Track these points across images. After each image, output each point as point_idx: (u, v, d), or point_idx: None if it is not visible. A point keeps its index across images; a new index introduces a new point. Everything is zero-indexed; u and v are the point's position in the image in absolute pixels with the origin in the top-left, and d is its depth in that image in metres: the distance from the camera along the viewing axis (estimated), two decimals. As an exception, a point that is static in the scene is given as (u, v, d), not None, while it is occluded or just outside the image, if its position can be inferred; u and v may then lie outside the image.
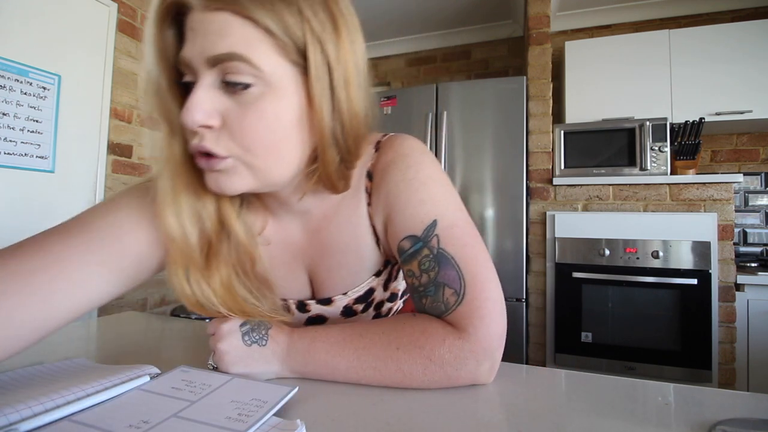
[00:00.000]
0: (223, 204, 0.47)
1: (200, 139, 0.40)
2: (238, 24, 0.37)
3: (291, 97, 0.40)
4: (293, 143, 0.42)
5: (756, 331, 1.74)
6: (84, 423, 0.34)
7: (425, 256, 0.46)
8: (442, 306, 0.45)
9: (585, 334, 1.87)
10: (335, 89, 0.41)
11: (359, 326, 0.47)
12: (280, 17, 0.37)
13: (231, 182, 0.42)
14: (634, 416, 0.39)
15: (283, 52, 0.39)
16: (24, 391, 0.39)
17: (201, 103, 0.38)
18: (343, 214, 0.52)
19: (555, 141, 2.08)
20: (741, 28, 2.05)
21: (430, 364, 0.43)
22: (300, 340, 0.46)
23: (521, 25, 2.70)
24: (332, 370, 0.45)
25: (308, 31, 0.39)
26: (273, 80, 0.39)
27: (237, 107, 0.39)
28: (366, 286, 0.56)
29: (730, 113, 2.03)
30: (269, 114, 0.39)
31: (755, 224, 2.25)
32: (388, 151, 0.51)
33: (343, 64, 0.41)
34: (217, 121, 0.39)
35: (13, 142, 1.59)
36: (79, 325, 0.76)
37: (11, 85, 1.58)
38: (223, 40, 0.37)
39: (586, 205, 1.98)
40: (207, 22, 0.37)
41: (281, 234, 0.55)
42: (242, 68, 0.37)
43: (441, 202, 0.47)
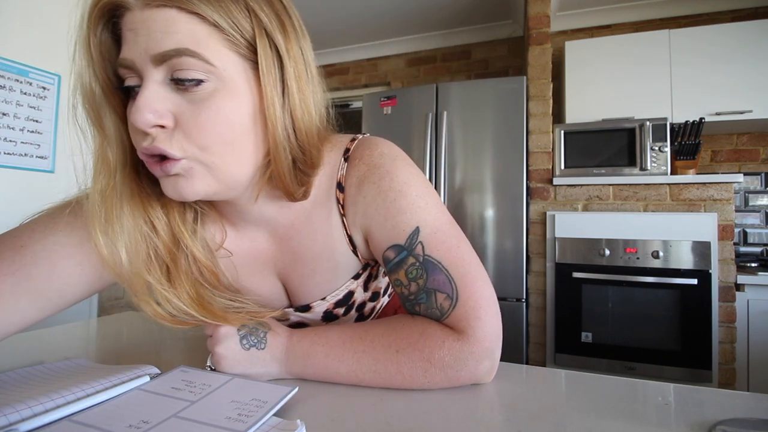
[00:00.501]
0: (172, 218, 0.45)
1: (152, 140, 0.37)
2: (184, 20, 0.35)
3: (244, 93, 0.39)
4: (249, 141, 0.40)
5: (756, 331, 1.74)
6: (84, 423, 0.34)
7: (411, 264, 0.45)
8: (437, 312, 0.45)
9: (585, 334, 1.87)
10: (286, 82, 0.40)
11: (359, 328, 0.47)
12: (227, 11, 0.36)
13: (190, 185, 0.39)
14: (634, 416, 0.39)
15: (233, 47, 0.38)
16: (24, 391, 0.39)
17: (151, 103, 0.36)
18: (314, 222, 0.50)
19: (555, 141, 2.08)
20: (741, 28, 2.05)
21: (431, 366, 0.43)
22: (299, 344, 0.46)
23: (521, 25, 2.70)
24: (332, 374, 0.45)
25: (256, 25, 0.38)
26: (225, 75, 0.37)
27: (189, 105, 0.37)
28: (345, 290, 0.54)
29: (730, 113, 2.03)
30: (224, 110, 0.38)
31: (755, 224, 2.24)
32: (359, 164, 0.48)
33: (294, 59, 0.40)
34: (169, 121, 0.37)
35: (13, 142, 1.59)
36: (79, 325, 0.76)
37: (11, 85, 1.58)
38: (170, 37, 0.35)
39: (586, 205, 1.98)
40: (149, 20, 0.35)
41: (246, 244, 0.52)
42: (193, 64, 0.36)
43: (421, 208, 0.46)
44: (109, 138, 0.41)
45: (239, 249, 0.52)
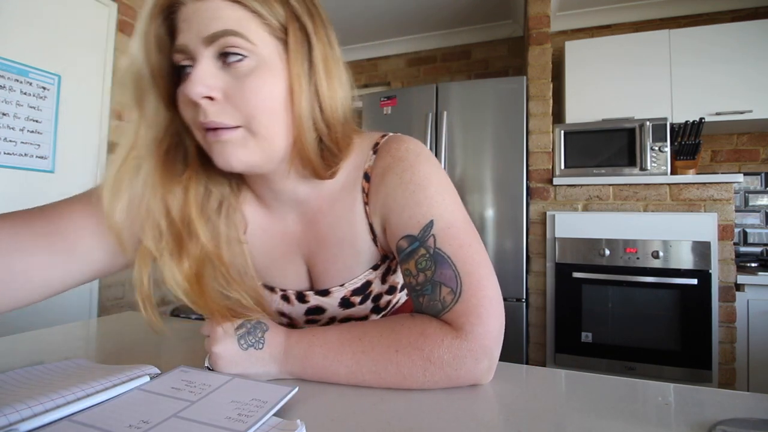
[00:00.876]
0: (188, 200, 0.47)
1: (204, 114, 0.42)
2: (229, 7, 0.41)
3: (279, 71, 0.44)
4: (286, 115, 0.44)
5: (756, 331, 1.74)
6: (84, 423, 0.34)
7: (422, 255, 0.46)
8: (438, 305, 0.45)
9: (585, 334, 1.87)
10: (313, 61, 0.45)
11: (357, 328, 0.47)
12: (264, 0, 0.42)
13: (238, 154, 0.44)
14: (634, 416, 0.39)
15: (268, 29, 0.43)
16: (24, 391, 0.39)
17: (203, 78, 0.41)
18: (339, 209, 0.54)
19: (555, 141, 2.08)
20: (741, 28, 2.05)
21: (430, 365, 0.43)
22: (297, 345, 0.46)
23: (521, 25, 2.70)
24: (331, 375, 0.45)
25: (288, 10, 0.44)
26: (264, 54, 0.42)
27: (234, 80, 0.42)
28: (363, 279, 0.57)
29: (730, 113, 2.03)
30: (265, 84, 0.43)
31: (755, 224, 2.25)
32: (385, 156, 0.52)
33: (320, 41, 0.45)
34: (219, 94, 0.42)
35: (13, 142, 1.59)
36: (79, 325, 0.76)
37: (11, 85, 1.58)
38: (217, 22, 0.41)
39: (586, 205, 1.98)
40: (200, 10, 0.41)
41: (278, 224, 0.56)
42: (237, 42, 0.41)
43: (438, 203, 0.48)
44: (146, 118, 0.46)
45: (272, 228, 0.56)
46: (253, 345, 0.45)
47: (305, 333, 0.47)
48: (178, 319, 0.83)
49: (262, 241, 0.57)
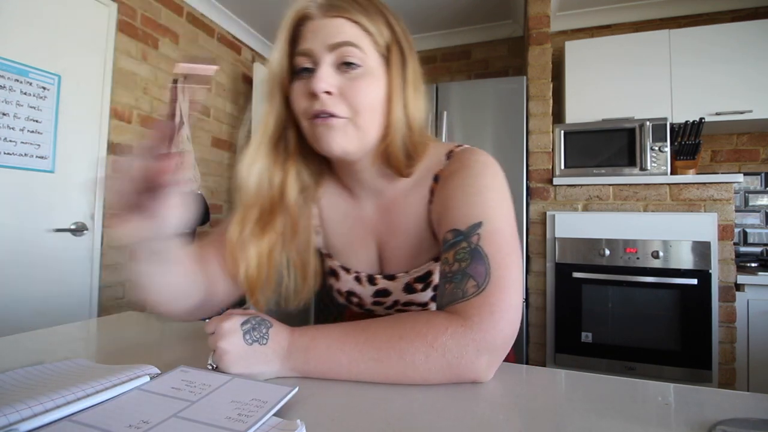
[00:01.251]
0: (287, 179, 0.59)
1: (322, 104, 0.51)
2: (349, 25, 0.52)
3: (380, 81, 0.54)
4: (380, 116, 0.55)
5: (756, 331, 1.74)
6: (84, 423, 0.34)
7: (462, 247, 0.50)
8: (459, 293, 0.47)
9: (585, 334, 1.87)
10: (406, 78, 0.55)
11: (362, 323, 0.48)
12: (376, 22, 0.53)
13: (339, 140, 0.53)
14: (634, 416, 0.39)
15: (376, 47, 0.54)
16: (24, 391, 0.39)
17: (326, 76, 0.51)
18: (409, 202, 0.61)
19: (555, 141, 2.08)
20: (741, 28, 2.05)
21: (432, 351, 0.43)
22: (300, 338, 0.47)
23: (521, 25, 2.70)
24: (334, 365, 0.45)
25: (392, 33, 0.55)
26: (371, 65, 0.53)
27: (348, 81, 0.52)
28: (425, 268, 0.63)
29: (730, 113, 2.03)
30: (370, 88, 0.53)
31: (755, 224, 2.25)
32: (456, 162, 0.58)
33: (412, 62, 0.57)
34: (335, 90, 0.52)
35: (13, 142, 1.59)
36: (79, 325, 0.76)
37: (11, 85, 1.58)
38: (341, 34, 0.52)
39: (586, 205, 1.98)
40: (327, 25, 0.52)
41: (357, 210, 0.65)
42: (354, 52, 0.52)
43: (491, 210, 0.52)
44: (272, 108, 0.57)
45: (352, 214, 0.65)
46: (258, 340, 0.45)
47: (309, 328, 0.48)
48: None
49: (343, 225, 0.66)
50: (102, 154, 1.93)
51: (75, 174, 1.81)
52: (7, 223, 1.58)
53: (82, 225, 1.83)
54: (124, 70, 2.03)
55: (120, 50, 2.01)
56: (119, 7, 1.99)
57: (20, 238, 1.62)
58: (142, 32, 2.13)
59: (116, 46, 1.98)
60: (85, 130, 1.86)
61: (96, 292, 1.91)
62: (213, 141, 2.65)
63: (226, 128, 2.77)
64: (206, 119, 2.59)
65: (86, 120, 1.86)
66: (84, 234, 1.85)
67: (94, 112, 1.90)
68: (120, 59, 2.01)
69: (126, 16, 2.04)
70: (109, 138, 1.96)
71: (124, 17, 2.02)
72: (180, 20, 2.37)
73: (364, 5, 0.53)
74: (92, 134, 1.89)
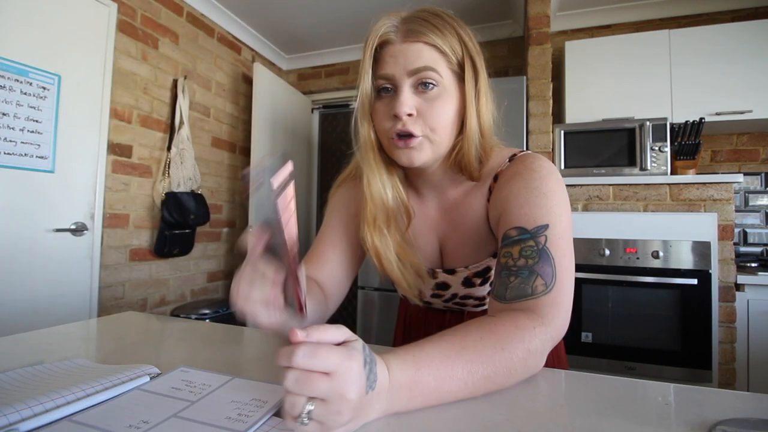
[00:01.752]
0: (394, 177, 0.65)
1: (403, 124, 0.56)
2: (426, 49, 0.55)
3: (454, 96, 0.57)
4: (453, 130, 0.59)
5: (756, 331, 1.74)
6: (84, 423, 0.34)
7: (529, 245, 0.52)
8: (528, 289, 0.49)
9: (585, 334, 1.87)
10: (479, 89, 0.59)
11: (454, 338, 0.43)
12: (450, 42, 0.56)
13: (419, 155, 0.57)
14: (634, 416, 0.39)
15: (449, 65, 0.57)
16: (24, 391, 0.39)
17: (407, 100, 0.55)
18: (469, 201, 0.65)
19: (555, 141, 2.08)
20: (741, 28, 2.05)
21: (530, 355, 0.45)
22: (401, 372, 0.39)
23: (521, 25, 2.69)
24: (443, 395, 0.40)
25: (465, 49, 0.58)
26: (446, 83, 0.56)
27: (425, 102, 0.56)
28: (484, 264, 0.66)
29: (730, 113, 2.03)
30: (444, 107, 0.56)
31: (755, 224, 2.24)
32: (519, 164, 0.60)
33: (483, 74, 0.59)
34: (415, 111, 0.56)
35: (13, 142, 1.59)
36: (79, 325, 0.75)
37: (11, 85, 1.58)
38: (419, 60, 0.55)
39: (586, 205, 1.98)
40: (406, 50, 0.55)
41: (423, 207, 0.69)
42: (431, 75, 0.55)
43: (556, 214, 0.54)
44: (369, 125, 0.61)
45: (418, 210, 0.69)
46: (372, 384, 0.35)
47: (405, 356, 0.40)
48: (177, 319, 0.83)
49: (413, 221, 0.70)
50: (102, 154, 1.93)
51: (75, 174, 1.81)
52: (7, 223, 1.58)
53: (82, 225, 1.83)
54: (124, 70, 2.03)
55: (120, 50, 2.01)
56: (119, 7, 1.99)
57: (20, 238, 1.62)
58: (142, 32, 2.13)
59: (116, 46, 1.98)
60: (85, 130, 1.86)
61: (96, 292, 1.91)
62: (213, 141, 2.65)
63: (226, 128, 2.77)
64: (206, 119, 2.59)
65: (86, 120, 1.86)
66: (84, 234, 1.85)
67: (94, 112, 1.90)
68: (120, 59, 2.01)
69: (126, 16, 2.04)
70: (109, 138, 1.96)
71: (124, 17, 2.02)
72: (180, 20, 2.37)
73: (439, 26, 0.56)
74: (92, 134, 1.89)
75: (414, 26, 0.56)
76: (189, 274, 2.47)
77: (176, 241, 2.25)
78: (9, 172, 1.58)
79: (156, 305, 2.24)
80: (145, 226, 2.16)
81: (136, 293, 2.12)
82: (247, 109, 2.86)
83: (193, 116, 2.44)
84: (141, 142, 2.13)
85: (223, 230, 2.77)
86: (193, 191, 2.32)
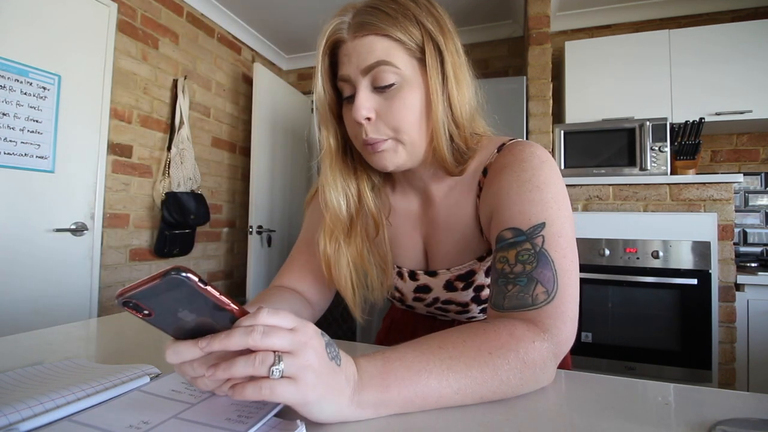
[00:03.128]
0: (361, 185, 0.61)
1: (365, 132, 0.52)
2: (379, 41, 0.50)
3: (418, 86, 0.52)
4: (426, 123, 0.53)
5: (756, 331, 1.74)
6: (84, 423, 0.34)
7: (526, 249, 0.47)
8: (529, 299, 0.45)
9: (585, 334, 1.87)
10: (446, 73, 0.52)
11: (434, 339, 0.42)
12: (405, 27, 0.50)
13: (391, 159, 0.54)
14: (634, 416, 0.39)
15: (408, 52, 0.51)
16: (24, 391, 0.39)
17: (364, 102, 0.51)
18: (455, 198, 0.60)
19: (555, 141, 2.08)
20: (741, 28, 2.05)
21: (525, 368, 0.40)
22: (369, 363, 0.38)
23: (521, 25, 2.69)
24: (421, 389, 0.37)
25: (424, 32, 0.51)
26: (406, 74, 0.51)
27: (385, 101, 0.52)
28: (468, 267, 0.61)
29: (730, 113, 2.03)
30: (406, 102, 0.51)
31: (755, 224, 2.24)
32: (508, 155, 0.55)
33: (450, 53, 0.53)
34: (373, 114, 0.52)
35: (13, 142, 1.59)
36: (79, 325, 0.75)
37: (11, 85, 1.58)
38: (371, 54, 0.50)
39: (586, 205, 1.98)
40: (358, 46, 0.51)
41: (404, 204, 0.66)
42: (387, 70, 0.50)
43: (552, 209, 0.48)
44: (329, 131, 0.58)
45: (399, 207, 0.66)
46: (335, 358, 0.35)
47: (375, 353, 0.40)
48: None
49: (391, 218, 0.67)
50: (102, 154, 1.93)
51: (75, 174, 1.81)
52: (7, 223, 1.58)
53: (82, 225, 1.83)
54: (124, 70, 2.03)
55: (120, 50, 2.01)
56: (119, 7, 1.99)
57: (20, 238, 1.62)
58: (142, 32, 2.13)
59: (116, 46, 1.98)
60: (85, 130, 1.86)
61: (96, 292, 1.91)
62: (213, 141, 2.65)
63: (226, 128, 2.77)
64: (206, 119, 2.59)
65: (86, 120, 1.86)
66: (84, 234, 1.85)
67: (94, 112, 1.90)
68: (120, 59, 2.01)
69: (126, 16, 2.04)
70: (109, 138, 1.96)
71: (124, 17, 2.02)
72: (180, 20, 2.37)
73: (391, 13, 0.50)
74: (92, 134, 1.89)
75: (363, 18, 0.50)
76: (189, 274, 2.46)
77: (176, 241, 2.25)
78: (9, 172, 1.58)
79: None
80: (145, 226, 2.16)
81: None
82: (247, 109, 2.86)
83: (193, 116, 2.44)
84: (141, 142, 2.12)
85: (223, 230, 2.77)
86: (193, 191, 2.32)
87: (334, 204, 0.59)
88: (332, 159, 0.59)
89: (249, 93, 2.86)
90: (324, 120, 0.58)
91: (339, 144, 0.59)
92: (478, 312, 0.66)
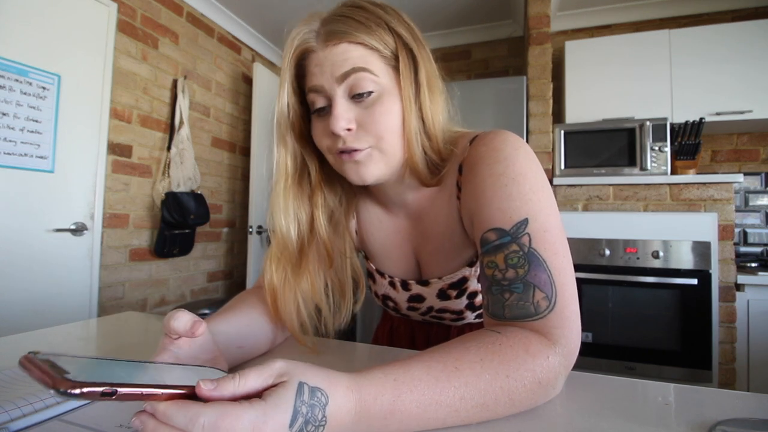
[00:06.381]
0: (315, 212, 0.58)
1: (343, 141, 0.50)
2: (353, 49, 0.49)
3: (395, 95, 0.50)
4: (402, 133, 0.51)
5: (756, 331, 1.74)
6: (74, 423, 0.34)
7: (514, 251, 0.43)
8: (531, 308, 0.42)
9: (585, 334, 1.87)
10: (419, 83, 0.51)
11: (448, 357, 0.38)
12: (379, 35, 0.49)
13: (368, 170, 0.51)
14: (634, 416, 0.39)
15: (384, 59, 0.50)
16: (14, 391, 0.38)
17: (343, 113, 0.49)
18: (437, 205, 0.59)
19: (555, 141, 2.07)
20: (741, 28, 2.05)
21: (539, 388, 0.38)
22: (377, 400, 0.34)
23: (521, 25, 2.69)
24: (426, 422, 0.35)
25: (397, 40, 0.51)
26: (383, 82, 0.50)
27: (364, 110, 0.50)
28: (459, 275, 0.60)
29: (730, 113, 2.03)
30: (387, 108, 0.50)
31: (755, 224, 2.24)
32: (480, 146, 0.51)
33: (423, 60, 0.52)
34: (353, 125, 0.50)
35: (13, 142, 1.59)
36: (79, 325, 0.75)
37: (11, 85, 1.58)
38: (347, 62, 0.48)
39: (586, 205, 1.97)
40: (331, 55, 0.49)
41: (391, 220, 0.65)
42: (364, 77, 0.49)
43: (532, 202, 0.45)
44: (287, 150, 0.56)
45: (387, 222, 0.65)
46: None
47: (384, 380, 0.35)
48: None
49: (379, 234, 0.66)
50: (102, 154, 1.93)
51: (75, 174, 1.81)
52: (7, 223, 1.58)
53: (82, 225, 1.83)
54: (124, 70, 2.03)
55: (120, 50, 2.01)
56: (119, 7, 1.99)
57: (20, 238, 1.61)
58: (142, 32, 2.13)
59: (116, 46, 1.98)
60: (85, 130, 1.86)
61: (96, 292, 1.91)
62: (213, 141, 2.65)
63: (226, 128, 2.77)
64: (206, 119, 2.59)
65: (86, 120, 1.86)
66: (84, 234, 1.85)
67: (94, 112, 1.90)
68: (120, 59, 2.01)
69: (126, 16, 2.04)
70: (109, 138, 1.96)
71: (123, 17, 2.02)
72: (180, 20, 2.37)
73: (363, 21, 0.49)
74: (92, 134, 1.89)
75: (334, 26, 0.49)
76: (189, 274, 2.47)
77: (176, 241, 2.25)
78: (9, 172, 1.58)
79: (156, 305, 2.23)
80: (145, 226, 2.16)
81: (136, 293, 2.12)
82: (247, 109, 2.86)
83: (193, 116, 2.44)
84: (141, 142, 2.12)
85: (223, 230, 2.77)
86: (193, 191, 2.32)
87: (282, 231, 0.55)
88: (286, 181, 0.56)
89: (249, 93, 2.86)
90: (282, 139, 0.56)
91: (297, 166, 0.57)
92: (473, 318, 0.65)
